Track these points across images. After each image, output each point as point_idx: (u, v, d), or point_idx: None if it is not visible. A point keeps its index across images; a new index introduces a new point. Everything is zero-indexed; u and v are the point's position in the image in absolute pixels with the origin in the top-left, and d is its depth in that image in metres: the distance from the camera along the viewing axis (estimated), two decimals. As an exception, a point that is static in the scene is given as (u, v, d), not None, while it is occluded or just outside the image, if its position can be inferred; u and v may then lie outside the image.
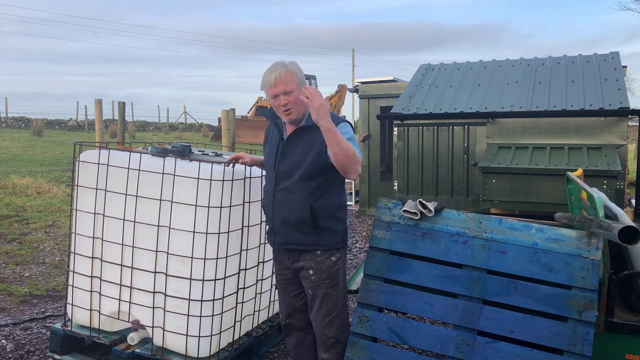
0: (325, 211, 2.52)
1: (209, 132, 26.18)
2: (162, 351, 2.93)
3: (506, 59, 6.73)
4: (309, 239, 2.54)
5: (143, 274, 2.95)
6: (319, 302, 2.59)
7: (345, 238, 2.63)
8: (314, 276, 2.57)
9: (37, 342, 3.59)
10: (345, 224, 2.63)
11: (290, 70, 2.49)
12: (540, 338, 2.26)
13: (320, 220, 2.51)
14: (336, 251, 2.58)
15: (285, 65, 2.51)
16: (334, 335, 2.60)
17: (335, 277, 2.58)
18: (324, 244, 2.55)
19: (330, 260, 2.56)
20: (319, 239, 2.54)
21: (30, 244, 6.10)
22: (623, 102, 5.11)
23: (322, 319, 2.60)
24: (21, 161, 13.04)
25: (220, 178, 2.81)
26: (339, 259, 2.60)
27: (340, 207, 2.61)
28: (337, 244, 2.58)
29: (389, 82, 8.77)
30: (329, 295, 2.58)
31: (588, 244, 2.30)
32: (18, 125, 25.69)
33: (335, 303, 2.59)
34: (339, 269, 2.60)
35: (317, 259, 2.55)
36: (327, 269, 2.56)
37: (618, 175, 4.51)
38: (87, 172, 3.08)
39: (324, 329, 2.61)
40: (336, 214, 2.57)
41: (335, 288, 2.59)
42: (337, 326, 2.60)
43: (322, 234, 2.53)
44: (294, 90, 2.47)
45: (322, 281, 2.56)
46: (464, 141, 5.92)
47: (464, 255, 2.44)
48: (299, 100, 2.47)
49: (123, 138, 10.08)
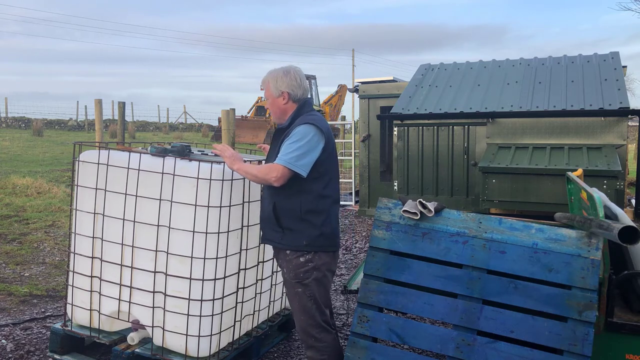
0: (289, 212, 2.64)
1: (209, 132, 26.18)
2: (162, 351, 2.93)
3: (506, 59, 6.73)
4: (276, 237, 2.70)
5: (143, 273, 2.95)
6: (292, 301, 2.72)
7: (316, 243, 2.64)
8: (286, 275, 2.71)
9: (37, 342, 3.59)
10: (318, 230, 2.64)
11: (265, 80, 2.78)
12: (540, 338, 2.26)
13: (284, 220, 2.65)
14: (306, 253, 2.65)
15: (268, 74, 2.78)
16: (313, 334, 2.68)
17: (304, 277, 2.64)
18: (288, 244, 2.66)
19: (298, 260, 2.64)
20: (284, 237, 2.66)
21: (30, 244, 6.10)
22: (623, 102, 5.10)
23: (298, 317, 2.71)
24: (21, 161, 13.04)
25: (220, 178, 2.81)
26: (309, 260, 2.64)
27: (312, 212, 2.63)
28: (304, 246, 2.63)
29: (389, 82, 8.76)
30: (299, 294, 2.66)
31: (588, 244, 2.30)
32: (18, 125, 25.69)
33: (310, 302, 2.66)
34: (309, 270, 2.64)
35: (286, 258, 2.68)
36: (294, 268, 2.65)
37: (618, 175, 4.50)
38: (87, 172, 3.08)
39: (302, 327, 2.71)
40: (306, 216, 2.63)
41: (305, 288, 2.65)
42: (315, 324, 2.67)
43: (287, 233, 2.66)
44: (269, 98, 2.79)
45: (292, 280, 2.67)
46: (464, 141, 5.92)
47: (464, 255, 2.44)
48: (273, 105, 2.77)
49: (123, 138, 10.08)
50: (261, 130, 21.41)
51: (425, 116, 5.82)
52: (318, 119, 2.67)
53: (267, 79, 2.78)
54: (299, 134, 2.59)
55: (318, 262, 2.66)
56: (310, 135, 2.59)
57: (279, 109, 2.75)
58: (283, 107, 2.74)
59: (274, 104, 2.76)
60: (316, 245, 2.65)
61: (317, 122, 2.63)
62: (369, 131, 8.58)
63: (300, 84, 2.74)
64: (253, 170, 2.63)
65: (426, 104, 5.96)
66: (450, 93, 6.12)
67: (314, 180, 2.62)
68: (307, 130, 2.60)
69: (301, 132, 2.59)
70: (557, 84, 5.77)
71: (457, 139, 5.96)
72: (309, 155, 2.57)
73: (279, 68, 2.78)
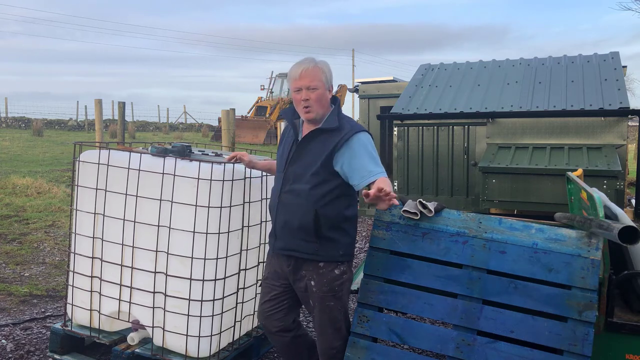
0: (330, 220, 2.43)
1: (209, 132, 26.19)
2: (162, 351, 2.93)
3: (506, 59, 6.73)
4: (309, 247, 2.45)
5: (143, 274, 2.95)
6: (320, 313, 2.53)
7: (350, 251, 2.54)
8: (315, 287, 2.49)
9: (37, 342, 3.59)
10: (351, 238, 2.54)
11: (320, 67, 2.45)
12: (540, 338, 2.26)
13: (324, 228, 2.42)
14: (340, 264, 2.49)
15: (315, 61, 2.47)
16: (337, 346, 2.56)
17: (338, 290, 2.49)
18: (324, 255, 2.45)
19: (333, 273, 2.48)
20: (320, 248, 2.44)
21: (30, 244, 6.10)
22: (623, 102, 5.10)
23: (324, 330, 2.55)
24: (21, 161, 13.04)
25: (220, 178, 2.81)
26: (343, 272, 2.50)
27: (348, 219, 2.50)
28: (340, 256, 2.48)
29: (389, 82, 8.76)
30: (331, 308, 2.51)
31: (588, 244, 2.30)
32: (18, 125, 25.68)
33: (339, 314, 2.53)
34: (344, 283, 2.51)
35: (319, 271, 2.47)
36: (329, 282, 2.48)
37: (618, 175, 4.50)
38: (87, 172, 3.08)
39: (327, 339, 2.56)
40: (343, 225, 2.48)
41: (338, 301, 2.51)
42: (341, 337, 2.56)
43: (323, 243, 2.44)
44: (319, 88, 2.43)
45: (324, 294, 2.48)
46: (464, 141, 5.92)
47: (464, 255, 2.44)
48: (321, 99, 2.44)
49: (123, 138, 10.09)
50: (261, 130, 21.41)
51: (425, 116, 5.82)
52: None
53: (319, 66, 2.46)
54: (369, 144, 2.46)
55: (349, 273, 2.55)
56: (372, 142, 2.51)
57: (326, 102, 2.48)
58: (328, 102, 2.50)
59: (324, 97, 2.46)
60: (349, 254, 2.53)
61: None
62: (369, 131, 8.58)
63: None
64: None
65: (426, 104, 5.96)
66: (450, 93, 6.12)
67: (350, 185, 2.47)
68: (370, 139, 2.50)
69: (368, 141, 2.47)
70: (557, 84, 5.77)
71: (457, 139, 5.96)
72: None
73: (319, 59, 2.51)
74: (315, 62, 2.46)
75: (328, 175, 2.43)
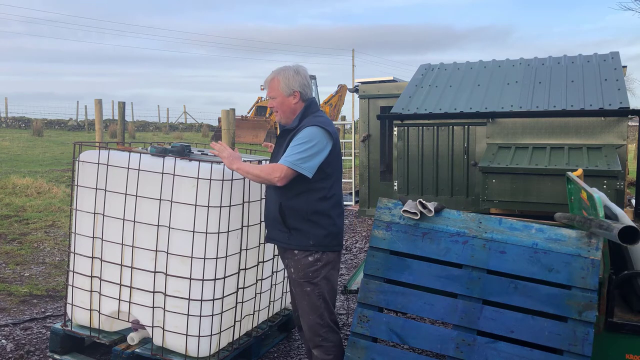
0: (295, 212, 2.62)
1: (209, 132, 26.19)
2: (162, 351, 2.93)
3: (506, 59, 6.73)
4: (282, 237, 2.68)
5: (143, 273, 2.95)
6: (300, 300, 2.70)
7: (323, 242, 2.65)
8: (294, 274, 2.69)
9: (37, 342, 3.59)
10: (325, 230, 2.64)
11: (277, 79, 2.68)
12: (540, 338, 2.26)
13: (290, 220, 2.63)
14: (314, 252, 2.64)
15: (276, 73, 2.70)
16: (321, 333, 2.68)
17: (313, 277, 2.64)
18: (295, 244, 2.65)
19: (307, 259, 2.64)
20: (291, 238, 2.65)
21: (30, 244, 6.10)
22: (623, 102, 5.10)
23: (306, 316, 2.69)
24: (21, 161, 13.04)
25: (220, 178, 2.81)
26: (317, 259, 2.64)
27: (318, 212, 2.62)
28: (311, 246, 2.63)
29: (389, 82, 8.76)
30: (308, 293, 2.66)
31: (588, 244, 2.30)
32: (18, 125, 25.69)
33: (318, 301, 2.66)
34: (319, 270, 2.65)
35: (294, 258, 2.67)
36: (303, 268, 2.65)
37: (618, 175, 4.50)
38: (87, 172, 3.08)
39: (310, 326, 2.69)
40: (312, 217, 2.62)
41: (314, 286, 2.65)
42: (324, 324, 2.67)
43: (293, 233, 2.64)
44: (277, 97, 2.69)
45: (300, 279, 2.66)
46: (464, 141, 5.92)
47: (464, 255, 2.44)
48: (283, 105, 2.70)
49: (123, 138, 10.09)
50: (261, 130, 21.41)
51: (425, 116, 5.82)
52: (326, 122, 2.66)
53: (276, 77, 2.69)
54: (307, 135, 2.56)
55: (326, 261, 2.67)
56: (319, 137, 2.57)
57: (289, 108, 2.70)
58: (293, 107, 2.70)
59: (284, 103, 2.69)
60: (323, 245, 2.65)
61: (325, 124, 2.62)
62: (369, 131, 8.58)
63: (309, 83, 2.73)
64: (255, 170, 2.59)
65: (426, 104, 5.96)
66: (450, 93, 6.12)
67: (321, 180, 2.62)
68: (315, 132, 2.57)
69: (309, 133, 2.57)
70: (557, 84, 5.77)
71: (457, 139, 5.96)
72: (316, 158, 2.56)
73: (288, 66, 2.72)
74: (275, 74, 2.70)
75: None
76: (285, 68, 2.71)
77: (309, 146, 2.54)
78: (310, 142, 2.55)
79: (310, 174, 2.54)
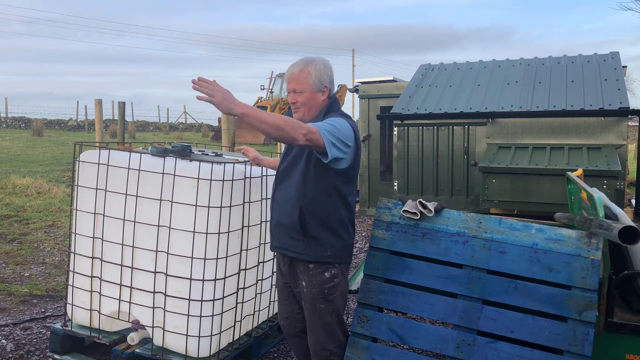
0: (316, 218, 2.38)
1: (209, 132, 26.18)
2: (162, 351, 2.93)
3: (506, 58, 6.73)
4: (297, 246, 2.43)
5: (143, 274, 2.95)
6: (311, 314, 2.51)
7: (341, 254, 2.46)
8: (306, 289, 2.48)
9: (37, 342, 3.59)
10: (344, 241, 2.46)
11: (307, 70, 2.39)
12: (540, 338, 2.26)
13: (310, 227, 2.38)
14: (330, 266, 2.43)
15: (305, 64, 2.41)
16: (330, 348, 2.51)
17: (328, 293, 2.45)
18: (310, 254, 2.41)
19: (323, 275, 2.43)
20: (307, 247, 2.40)
21: (30, 244, 6.10)
22: (623, 102, 5.10)
23: (315, 331, 2.52)
24: (21, 161, 13.04)
25: (220, 178, 2.81)
26: (335, 275, 2.45)
27: (340, 221, 2.44)
28: (328, 257, 2.41)
29: (389, 82, 8.76)
30: (321, 310, 2.47)
31: (588, 244, 2.30)
32: (18, 125, 25.69)
33: (330, 317, 2.48)
34: (335, 286, 2.46)
35: (309, 272, 2.44)
36: (319, 284, 2.44)
37: (618, 175, 4.50)
38: (87, 172, 3.08)
39: (318, 339, 2.52)
40: (333, 225, 2.41)
41: (329, 304, 2.46)
42: (335, 339, 2.52)
43: (310, 243, 2.39)
44: (305, 92, 2.39)
45: (314, 295, 2.46)
46: (464, 141, 5.92)
47: (464, 255, 2.44)
48: (311, 101, 2.41)
49: (123, 138, 10.09)
50: (261, 130, 21.34)
51: (425, 116, 5.82)
52: (354, 125, 2.41)
53: (306, 68, 2.37)
54: (337, 122, 2.28)
55: (342, 275, 2.49)
56: (347, 129, 2.32)
57: (315, 105, 2.41)
58: (320, 104, 2.42)
59: (312, 99, 2.40)
60: (339, 257, 2.44)
61: (354, 127, 2.37)
62: (369, 131, 8.58)
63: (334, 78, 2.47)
64: (271, 119, 2.11)
65: (426, 104, 5.96)
66: (450, 93, 6.12)
67: (344, 184, 2.41)
68: (344, 124, 2.32)
69: (339, 122, 2.30)
70: (557, 84, 5.77)
71: (457, 139, 5.96)
72: (340, 146, 2.28)
73: (314, 58, 2.42)
74: (304, 65, 2.40)
75: (314, 171, 2.38)
76: (313, 59, 2.41)
77: (339, 130, 2.27)
78: (340, 128, 2.29)
79: (331, 156, 2.25)
